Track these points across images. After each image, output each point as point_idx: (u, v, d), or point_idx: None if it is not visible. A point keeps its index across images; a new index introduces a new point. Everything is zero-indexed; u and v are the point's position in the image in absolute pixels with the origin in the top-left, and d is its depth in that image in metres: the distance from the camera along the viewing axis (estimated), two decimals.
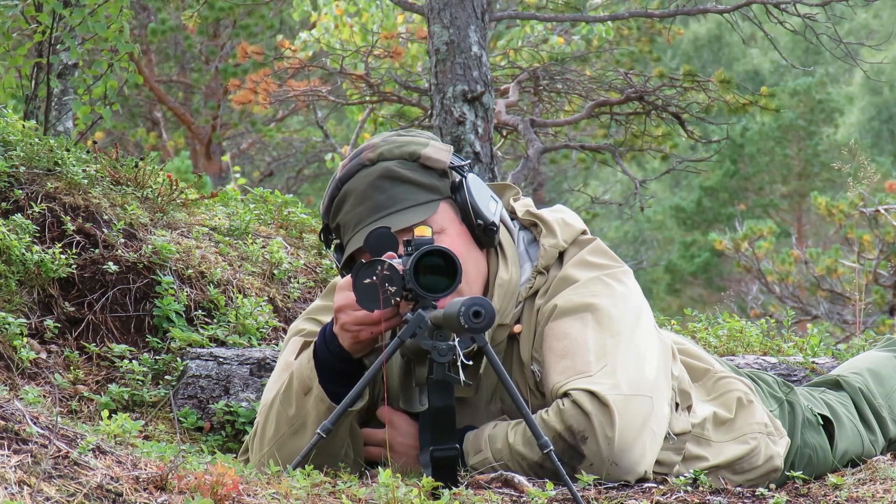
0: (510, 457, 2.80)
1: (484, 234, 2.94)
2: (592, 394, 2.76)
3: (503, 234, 3.01)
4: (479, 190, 2.97)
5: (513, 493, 2.65)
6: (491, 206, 2.97)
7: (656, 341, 2.93)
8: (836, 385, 3.51)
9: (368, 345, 2.87)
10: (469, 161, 3.07)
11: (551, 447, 2.59)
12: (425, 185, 2.95)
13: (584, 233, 3.03)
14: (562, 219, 3.04)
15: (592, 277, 2.92)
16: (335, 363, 2.86)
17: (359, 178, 2.96)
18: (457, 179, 2.98)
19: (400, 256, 2.79)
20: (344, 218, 2.97)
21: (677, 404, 2.99)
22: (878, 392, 3.47)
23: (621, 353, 2.82)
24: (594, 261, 2.97)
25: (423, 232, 2.76)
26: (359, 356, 2.88)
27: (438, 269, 2.71)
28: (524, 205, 3.10)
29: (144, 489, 2.23)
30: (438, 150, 2.98)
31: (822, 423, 3.29)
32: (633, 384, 2.79)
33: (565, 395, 2.79)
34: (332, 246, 3.05)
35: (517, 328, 2.95)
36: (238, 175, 20.41)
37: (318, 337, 2.92)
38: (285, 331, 4.15)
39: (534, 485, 2.68)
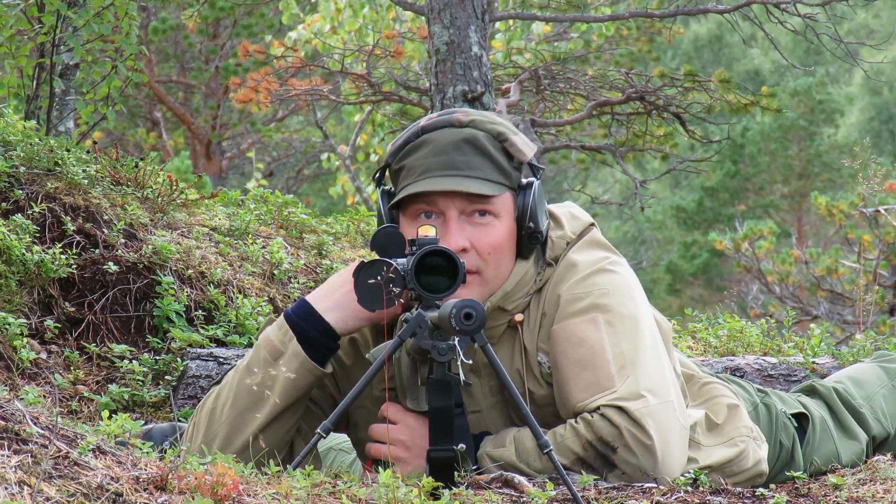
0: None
1: (528, 240, 2.96)
2: (622, 409, 2.80)
3: None
4: (541, 199, 3.00)
5: (513, 493, 2.66)
6: (543, 220, 2.99)
7: (655, 328, 2.97)
8: (811, 391, 3.53)
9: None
10: (544, 168, 3.09)
11: (551, 447, 2.60)
12: (502, 167, 2.97)
13: (591, 225, 3.07)
14: (569, 212, 3.10)
15: (595, 269, 2.96)
16: (316, 337, 2.88)
17: (444, 133, 2.96)
18: (525, 181, 3.00)
19: (405, 255, 2.80)
20: (413, 162, 2.96)
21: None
22: (857, 394, 3.49)
23: (640, 360, 2.86)
24: (593, 249, 3.01)
25: (427, 231, 2.78)
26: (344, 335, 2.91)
27: (440, 269, 2.72)
28: None
29: (144, 489, 2.23)
30: (524, 143, 3.01)
31: (795, 424, 3.33)
32: (656, 391, 2.83)
33: (594, 410, 2.82)
34: (381, 190, 3.04)
35: (518, 317, 2.97)
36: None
37: (290, 309, 2.92)
38: None
39: (534, 485, 2.68)
